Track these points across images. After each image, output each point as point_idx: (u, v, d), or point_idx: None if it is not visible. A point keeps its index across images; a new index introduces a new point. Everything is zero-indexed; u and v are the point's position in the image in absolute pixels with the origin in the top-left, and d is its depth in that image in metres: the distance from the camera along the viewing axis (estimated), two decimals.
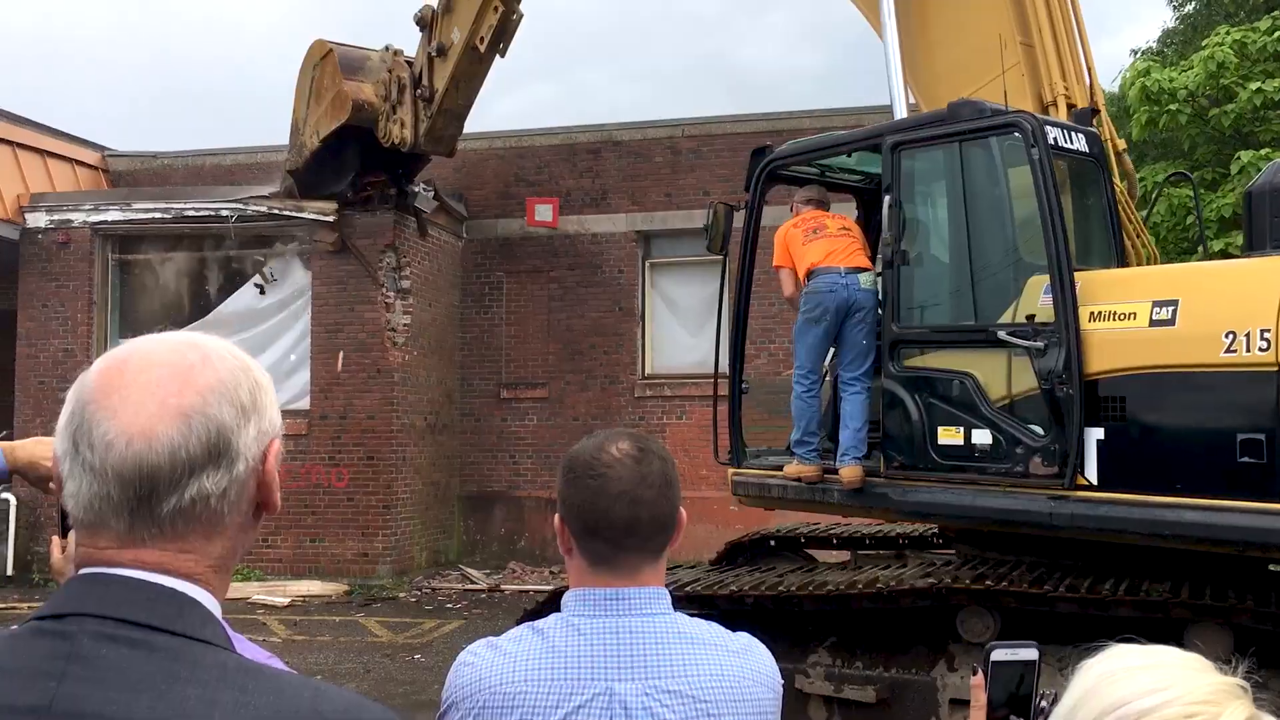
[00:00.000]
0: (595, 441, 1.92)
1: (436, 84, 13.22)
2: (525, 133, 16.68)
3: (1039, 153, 5.73)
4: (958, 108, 6.16)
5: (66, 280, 15.26)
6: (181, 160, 17.22)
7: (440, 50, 13.08)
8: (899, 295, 6.39)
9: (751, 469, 7.22)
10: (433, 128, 13.48)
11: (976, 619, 5.96)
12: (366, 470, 14.47)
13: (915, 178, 6.48)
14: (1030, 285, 5.94)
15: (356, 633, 11.78)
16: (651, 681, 1.78)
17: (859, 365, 6.61)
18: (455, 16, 12.90)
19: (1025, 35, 6.86)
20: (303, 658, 10.46)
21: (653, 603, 1.86)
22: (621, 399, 15.94)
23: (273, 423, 1.22)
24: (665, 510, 1.88)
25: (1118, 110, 15.58)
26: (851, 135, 7.07)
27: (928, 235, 6.61)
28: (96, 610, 1.09)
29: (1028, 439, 5.87)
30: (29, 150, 15.91)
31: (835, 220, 6.92)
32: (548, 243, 16.19)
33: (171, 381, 1.14)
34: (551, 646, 1.82)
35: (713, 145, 15.87)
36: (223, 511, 1.16)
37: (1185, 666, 1.14)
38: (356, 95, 13.53)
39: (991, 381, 6.02)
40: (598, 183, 16.23)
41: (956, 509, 6.15)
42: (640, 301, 16.03)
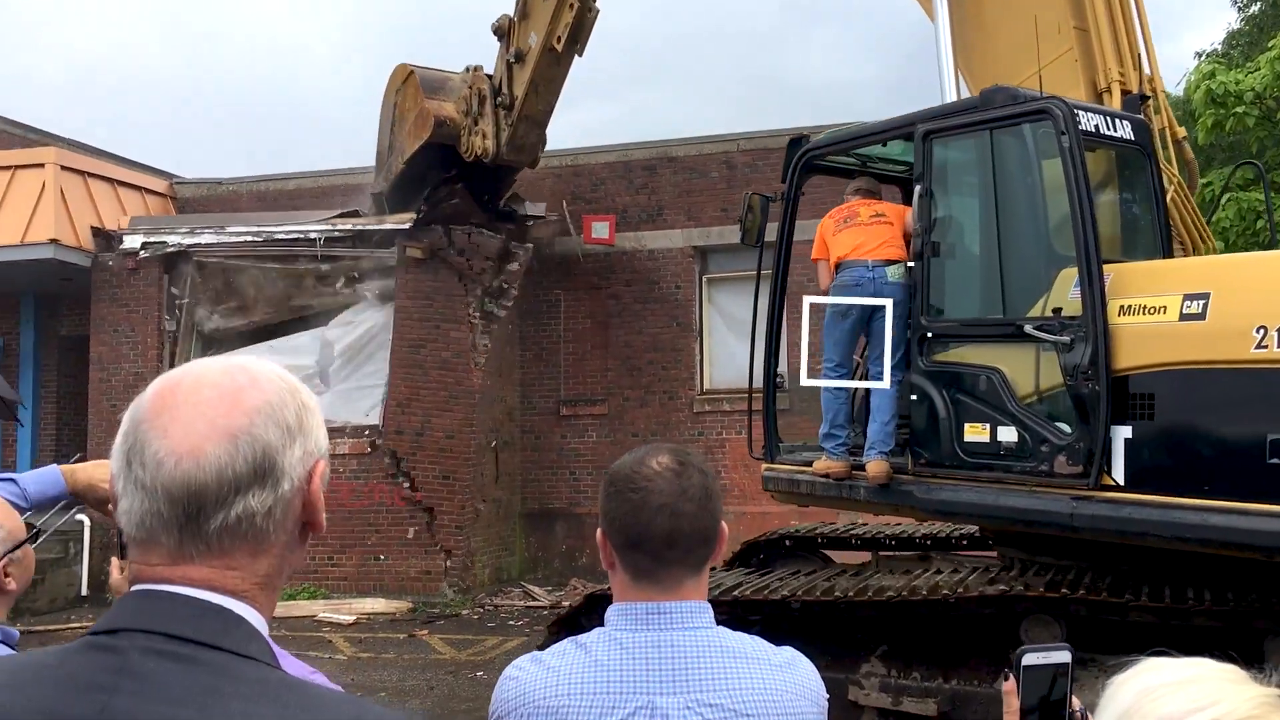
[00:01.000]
0: (636, 456, 1.94)
1: (516, 91, 13.36)
2: (581, 151, 16.79)
3: (1069, 140, 5.56)
4: (991, 94, 6.01)
5: (136, 306, 15.69)
6: (245, 185, 17.64)
7: (518, 56, 13.23)
8: (929, 288, 6.27)
9: (784, 464, 7.10)
10: (514, 136, 13.60)
11: (1042, 627, 5.80)
12: (441, 489, 14.57)
13: (948, 167, 6.35)
14: (1061, 278, 5.78)
15: (420, 650, 11.86)
16: (693, 695, 1.78)
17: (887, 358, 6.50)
18: (532, 21, 13.04)
19: (1080, 20, 6.68)
20: (368, 675, 10.56)
21: (695, 616, 1.86)
22: (680, 414, 15.89)
23: (318, 444, 1.25)
24: (706, 523, 1.88)
25: (1183, 114, 15.17)
26: (886, 124, 6.90)
27: (959, 226, 6.47)
28: (146, 626, 1.12)
29: (1054, 437, 5.71)
30: (100, 179, 16.44)
31: (869, 207, 6.76)
32: (605, 260, 16.24)
33: (220, 403, 1.18)
34: (594, 660, 1.83)
35: (768, 159, 15.78)
36: (268, 530, 1.19)
37: (1224, 679, 1.12)
38: (438, 112, 13.79)
39: (1019, 377, 5.87)
40: (654, 199, 16.25)
41: (980, 508, 5.99)
42: (698, 317, 15.99)
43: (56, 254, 15.28)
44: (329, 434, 1.31)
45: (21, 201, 15.49)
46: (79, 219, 15.73)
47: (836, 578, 6.86)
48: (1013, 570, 6.46)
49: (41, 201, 15.43)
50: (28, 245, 15.23)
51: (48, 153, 16.45)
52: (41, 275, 16.05)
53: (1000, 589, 5.92)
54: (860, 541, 7.90)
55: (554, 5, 12.57)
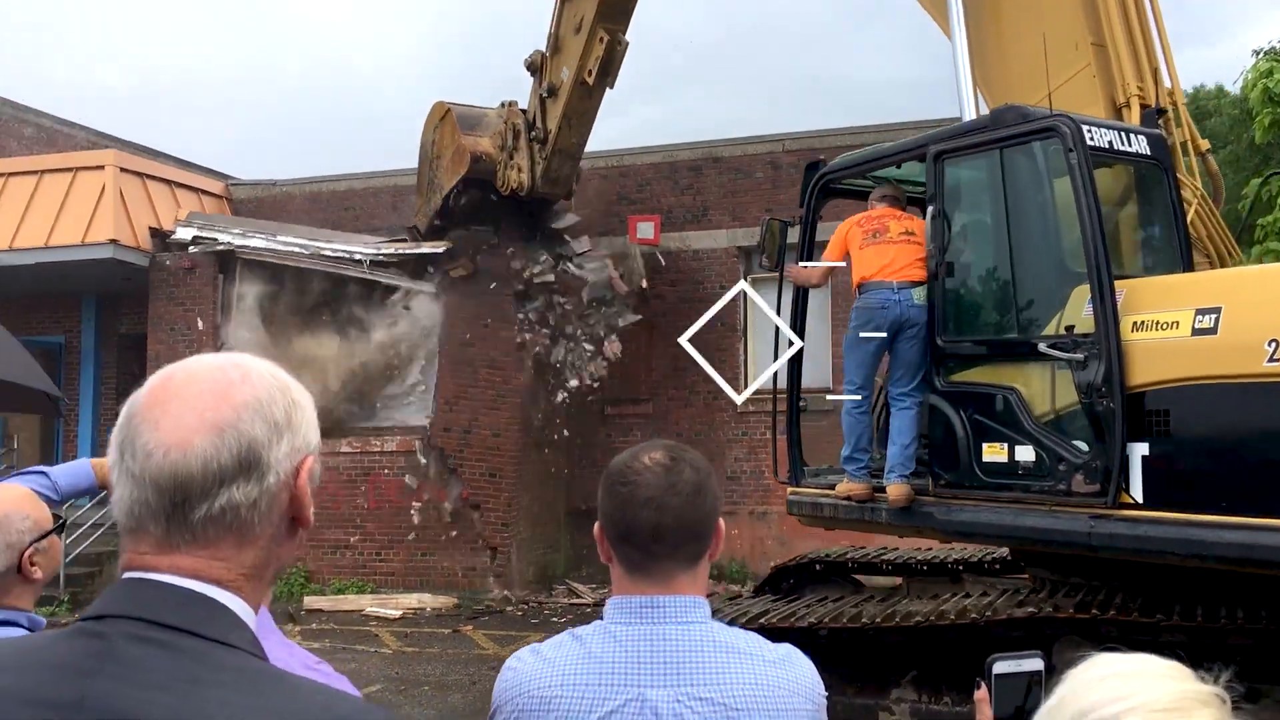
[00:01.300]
0: (631, 451, 1.98)
1: (549, 124, 13.64)
2: (627, 151, 16.85)
3: (1077, 157, 5.54)
4: (1001, 113, 6.01)
5: (192, 305, 16.05)
6: (299, 187, 17.93)
7: (551, 91, 13.50)
8: (943, 308, 6.25)
9: (808, 488, 7.13)
10: (548, 169, 13.91)
11: (1073, 649, 5.78)
12: (487, 486, 14.76)
13: (960, 187, 6.35)
14: (1075, 296, 5.75)
15: (464, 645, 12.03)
16: (684, 689, 1.80)
17: (908, 381, 6.48)
18: (564, 56, 13.29)
19: (1097, 36, 6.63)
20: (411, 669, 10.76)
21: (689, 611, 1.88)
22: (724, 414, 15.91)
23: (308, 441, 1.28)
24: (694, 517, 1.90)
25: (1240, 113, 14.86)
26: (899, 145, 6.93)
27: (973, 246, 6.45)
28: (132, 612, 1.15)
29: (1071, 455, 5.68)
30: (158, 181, 16.82)
31: (900, 222, 6.70)
32: (650, 260, 16.28)
33: (210, 397, 1.22)
34: (588, 652, 1.86)
35: (815, 159, 15.72)
36: (253, 521, 1.22)
37: (1158, 674, 1.14)
38: (474, 148, 14.10)
39: (1035, 396, 5.85)
40: (699, 199, 16.26)
41: (999, 529, 5.97)
42: (742, 317, 15.98)
43: (115, 254, 15.67)
44: (379, 431, 1.35)
45: (82, 203, 15.89)
46: (137, 220, 16.12)
47: (864, 604, 6.85)
48: (1042, 592, 6.42)
49: (101, 203, 15.83)
50: (88, 245, 15.63)
51: (107, 155, 16.87)
52: (101, 275, 16.46)
53: (1028, 611, 5.90)
54: (891, 566, 7.87)
55: (585, 39, 12.80)
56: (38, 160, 17.40)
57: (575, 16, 13.01)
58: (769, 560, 14.43)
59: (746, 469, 15.64)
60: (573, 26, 13.07)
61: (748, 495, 15.53)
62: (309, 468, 1.27)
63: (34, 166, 16.78)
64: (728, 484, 15.81)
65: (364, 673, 10.60)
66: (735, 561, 15.40)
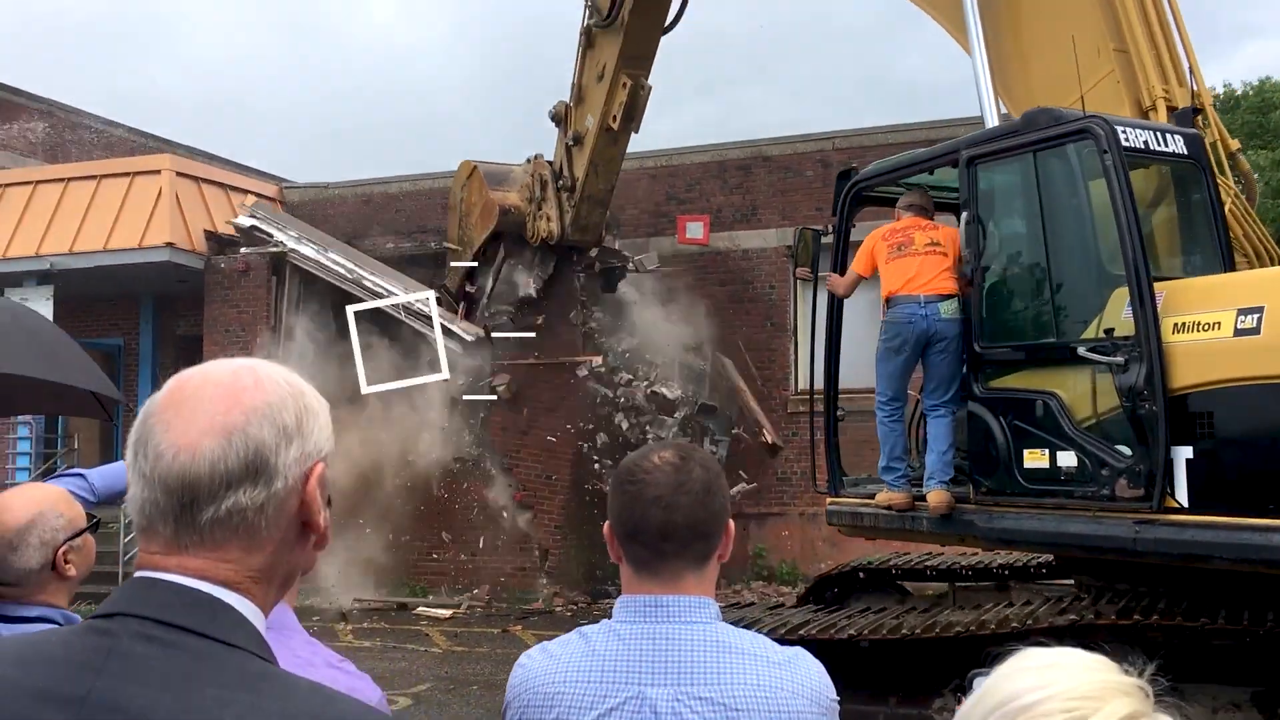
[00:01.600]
0: (642, 451, 1.97)
1: (576, 173, 13.82)
2: (675, 151, 16.82)
3: (1112, 158, 5.45)
4: (1033, 116, 5.94)
5: (246, 306, 16.29)
6: (350, 190, 18.12)
7: (576, 139, 13.69)
8: (980, 313, 6.19)
9: (848, 497, 7.08)
10: (577, 216, 14.09)
11: (1118, 657, 5.66)
12: (543, 488, 14.82)
13: (994, 191, 6.28)
14: (1114, 298, 5.65)
15: (513, 645, 12.10)
16: (683, 688, 1.80)
17: (943, 393, 6.44)
18: (587, 105, 13.49)
19: (1119, 41, 6.58)
20: (460, 668, 10.84)
21: (694, 611, 1.86)
22: (775, 414, 15.82)
23: (318, 447, 1.29)
24: (702, 517, 1.88)
25: None
26: (930, 152, 6.88)
27: (1009, 250, 6.38)
28: (140, 611, 1.18)
29: (1113, 460, 5.58)
30: (213, 185, 17.11)
31: (925, 233, 6.64)
32: (699, 259, 16.24)
33: (221, 401, 1.24)
34: (592, 650, 1.87)
35: (864, 157, 15.50)
36: (260, 525, 1.23)
37: (1079, 666, 1.15)
38: (503, 201, 14.42)
39: (1075, 401, 5.75)
40: (748, 199, 16.20)
41: (1043, 535, 5.89)
42: (792, 316, 15.88)
43: (172, 257, 15.99)
44: None
45: (139, 207, 16.21)
46: (193, 223, 16.41)
47: (906, 615, 6.78)
48: (1086, 599, 6.33)
49: (158, 207, 16.14)
50: (145, 249, 15.95)
51: (163, 159, 17.19)
52: (158, 277, 16.79)
53: (1070, 619, 5.81)
54: (936, 573, 7.79)
55: (607, 86, 12.96)
56: (96, 165, 17.78)
57: (597, 65, 13.16)
58: (820, 562, 14.34)
59: (797, 470, 15.52)
60: (595, 75, 13.23)
61: (798, 496, 15.42)
62: (319, 474, 1.28)
63: (92, 171, 17.15)
64: (778, 485, 15.73)
65: (414, 671, 10.70)
66: (786, 563, 15.32)
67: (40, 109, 20.33)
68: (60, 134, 20.52)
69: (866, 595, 7.76)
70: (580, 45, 13.40)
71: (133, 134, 21.02)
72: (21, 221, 16.49)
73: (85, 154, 19.98)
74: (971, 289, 6.28)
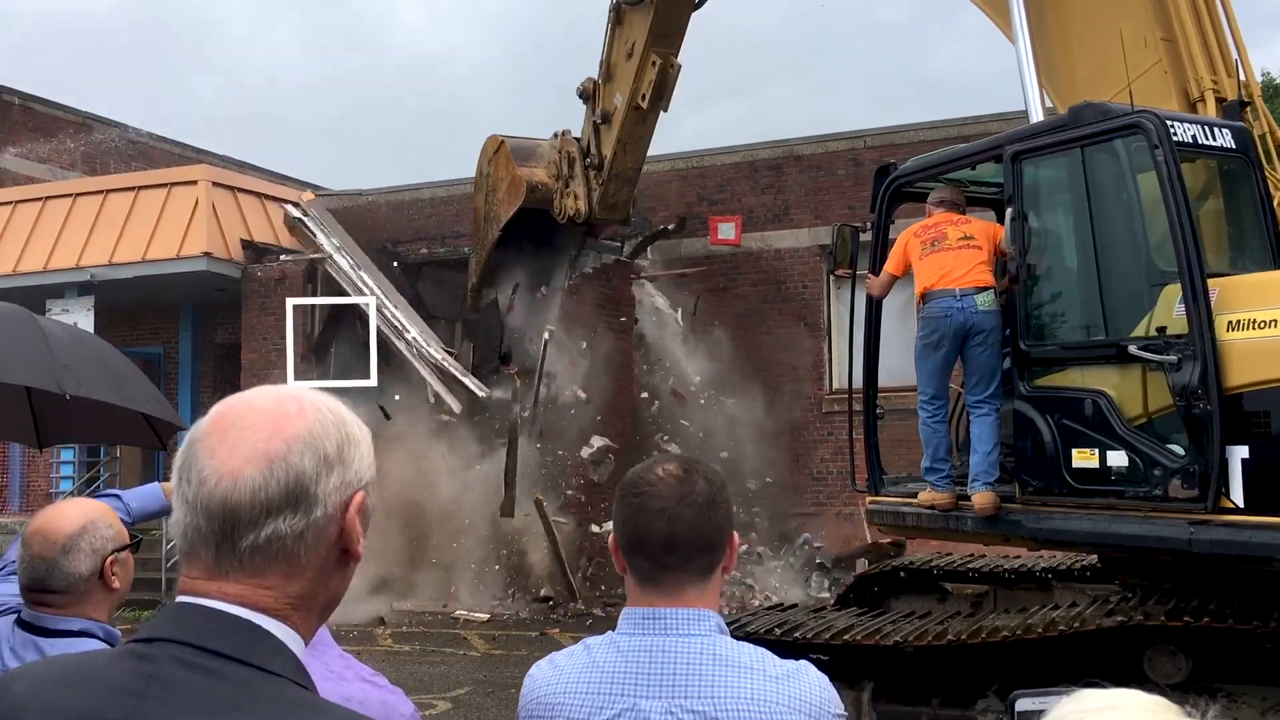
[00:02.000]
0: (646, 464, 1.98)
1: (604, 151, 13.71)
2: (706, 152, 16.82)
3: (1164, 154, 5.38)
4: (1080, 111, 5.86)
5: (283, 315, 16.40)
6: (384, 196, 18.22)
7: (605, 117, 13.60)
8: (1026, 311, 6.13)
9: (888, 496, 7.04)
10: (605, 194, 13.93)
11: (1167, 659, 5.64)
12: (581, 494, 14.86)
13: (1039, 187, 6.20)
14: (1165, 295, 5.57)
15: (551, 647, 12.09)
16: (677, 700, 1.81)
17: (985, 388, 6.36)
18: (616, 82, 13.39)
19: (1166, 31, 6.49)
20: (498, 671, 10.87)
21: (693, 624, 1.87)
22: (809, 414, 15.80)
23: (359, 476, 1.30)
24: (706, 529, 1.89)
25: None
26: (973, 147, 6.79)
27: (1055, 247, 6.30)
28: (180, 636, 1.19)
29: (1166, 460, 5.51)
30: (248, 194, 17.27)
31: (958, 227, 6.56)
32: (731, 260, 16.23)
33: (264, 429, 1.25)
34: (593, 662, 1.89)
35: (896, 155, 15.34)
36: (299, 553, 1.24)
37: (1140, 709, 1.12)
38: (530, 178, 14.23)
39: (1126, 400, 5.68)
40: (780, 199, 16.17)
41: (1093, 535, 5.82)
42: (825, 316, 15.84)
43: (210, 266, 16.17)
44: None
45: (177, 217, 16.40)
46: (230, 232, 16.57)
47: (950, 620, 6.71)
48: (1133, 600, 6.24)
49: (195, 217, 16.32)
50: (183, 259, 16.12)
51: (199, 170, 17.38)
52: (196, 287, 16.97)
53: (1118, 620, 5.74)
54: (978, 574, 7.68)
55: (637, 65, 12.86)
56: (134, 177, 17.99)
57: (626, 43, 13.09)
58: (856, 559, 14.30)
59: (833, 469, 15.49)
60: (624, 53, 13.14)
61: (834, 496, 15.39)
62: (359, 502, 1.28)
63: (131, 183, 17.36)
64: (813, 484, 15.69)
65: (452, 675, 10.75)
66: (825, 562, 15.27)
67: (78, 122, 20.58)
68: (98, 146, 20.76)
69: (908, 595, 7.72)
70: (609, 22, 13.33)
71: (169, 145, 21.25)
72: (62, 233, 16.72)
73: (123, 166, 20.21)
74: (1016, 286, 6.21)
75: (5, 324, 3.79)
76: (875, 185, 7.18)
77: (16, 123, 19.77)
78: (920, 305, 6.55)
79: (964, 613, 7.07)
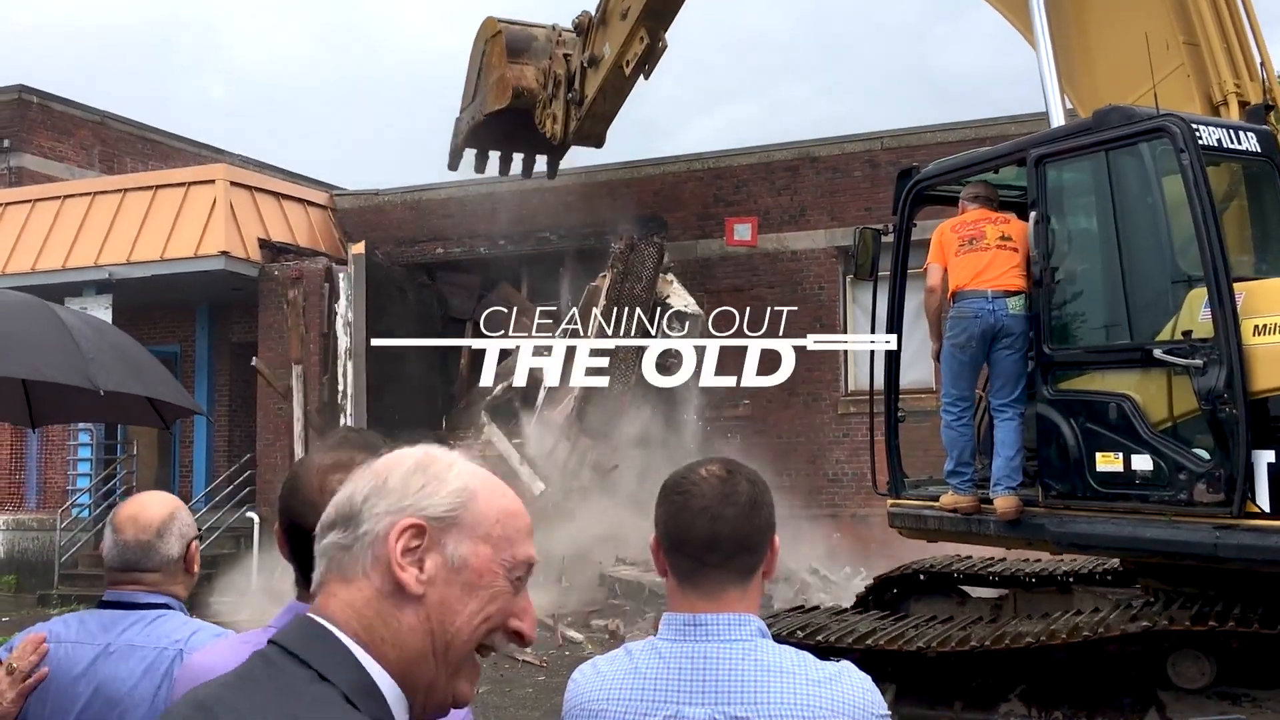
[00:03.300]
0: (689, 465, 1.98)
1: (587, 90, 13.91)
2: (723, 153, 16.79)
3: (1189, 157, 5.37)
4: (1104, 115, 5.85)
5: (298, 315, 16.43)
6: (399, 196, 18.24)
7: (592, 61, 13.73)
8: (1050, 315, 6.11)
9: (909, 499, 7.03)
10: (580, 129, 14.28)
11: (1190, 663, 5.62)
12: None
13: (1063, 191, 6.19)
14: (1190, 299, 5.57)
15: (573, 648, 12.17)
16: (720, 707, 1.80)
17: (1009, 391, 6.32)
18: (608, 31, 13.50)
19: (1189, 34, 6.46)
20: (514, 669, 10.90)
21: (733, 629, 1.87)
22: (825, 416, 15.76)
23: (415, 509, 1.32)
24: (747, 530, 1.89)
25: None
26: (996, 151, 6.79)
27: (1079, 250, 6.28)
28: (276, 637, 1.32)
29: (1191, 464, 5.50)
30: (265, 193, 17.31)
31: (998, 226, 6.49)
32: (747, 261, 16.22)
33: (367, 468, 1.40)
34: (635, 668, 1.90)
35: (913, 156, 15.45)
36: (346, 563, 1.32)
37: None
38: (517, 82, 14.40)
39: (1151, 404, 5.67)
40: (796, 200, 16.14)
41: (1118, 540, 5.80)
42: (841, 317, 15.82)
43: (227, 265, 16.17)
44: None
45: (195, 216, 16.43)
46: (247, 231, 16.61)
47: (972, 625, 6.69)
48: (1156, 604, 6.23)
49: (213, 216, 16.35)
50: (201, 258, 16.16)
51: (217, 169, 17.41)
52: (213, 285, 17.00)
53: (1143, 625, 5.73)
54: (998, 577, 7.68)
55: (628, 30, 13.00)
56: (152, 176, 18.04)
57: (624, 2, 13.14)
58: (871, 561, 14.26)
59: (849, 471, 15.48)
60: (620, 10, 13.21)
61: (850, 498, 15.37)
62: (399, 529, 1.30)
63: (149, 182, 17.40)
64: (829, 486, 15.67)
65: None
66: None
67: (95, 121, 20.65)
68: (116, 145, 20.84)
69: (927, 598, 7.70)
70: None
71: (185, 143, 21.30)
72: (81, 232, 16.77)
73: (141, 164, 20.27)
74: (1040, 289, 6.18)
75: (29, 318, 3.82)
76: (897, 189, 7.16)
77: (35, 121, 19.83)
78: (949, 304, 6.51)
79: (985, 617, 7.05)
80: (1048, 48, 6.91)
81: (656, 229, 16.40)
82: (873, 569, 12.53)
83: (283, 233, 17.24)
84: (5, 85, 19.93)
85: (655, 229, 16.39)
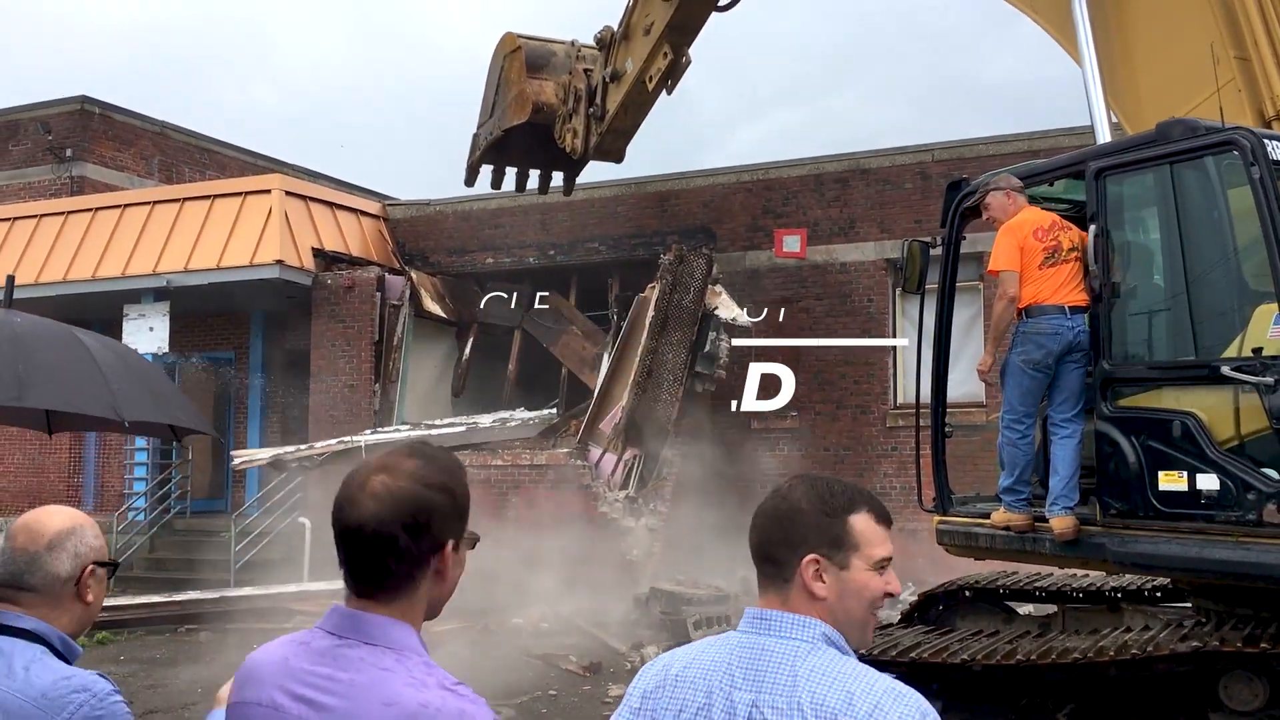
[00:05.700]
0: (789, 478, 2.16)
1: (608, 105, 13.87)
2: (772, 165, 16.77)
3: (1260, 171, 5.27)
4: (1168, 127, 5.76)
5: (352, 322, 16.64)
6: (451, 206, 18.41)
7: (615, 76, 13.68)
8: (1110, 330, 6.02)
9: (958, 516, 6.94)
10: (601, 144, 14.24)
11: (1243, 685, 5.54)
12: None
13: (1124, 204, 6.08)
14: (1258, 315, 5.46)
15: (604, 652, 12.20)
16: (763, 695, 1.93)
17: (1070, 407, 6.22)
18: (631, 46, 13.43)
19: (1240, 49, 6.37)
20: (557, 679, 10.94)
21: (796, 628, 1.99)
22: (873, 428, 15.68)
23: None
24: (760, 540, 2.08)
25: None
26: (1052, 163, 6.66)
27: (1140, 265, 6.18)
28: None
29: (1260, 484, 5.38)
30: (319, 203, 17.53)
31: (1068, 235, 6.33)
32: (796, 273, 16.20)
33: None
34: (706, 650, 2.08)
35: (964, 169, 15.32)
36: None
37: None
38: (537, 97, 14.36)
39: (1217, 422, 5.56)
40: (846, 212, 16.09)
41: (1183, 561, 5.66)
42: (891, 330, 15.75)
43: (281, 274, 16.40)
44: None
45: (251, 225, 16.68)
46: (301, 241, 16.83)
47: (1019, 639, 6.58)
48: (1208, 624, 6.10)
49: (268, 225, 16.59)
50: (256, 266, 16.39)
51: (273, 179, 17.66)
52: (268, 294, 17.23)
53: (1193, 646, 5.63)
54: (1046, 594, 7.54)
55: (652, 45, 12.92)
56: (210, 185, 18.34)
57: (647, 17, 13.06)
58: (920, 576, 14.16)
59: (896, 485, 15.37)
60: (643, 25, 13.13)
61: (898, 512, 14.87)
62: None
63: (207, 191, 17.70)
64: None
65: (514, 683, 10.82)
66: None
67: (155, 131, 21.02)
68: (175, 155, 21.20)
69: (973, 615, 7.60)
70: None
71: (242, 153, 21.61)
72: (140, 240, 17.08)
73: (198, 174, 20.63)
74: (1100, 304, 6.09)
75: (60, 349, 3.96)
76: (946, 201, 7.09)
77: (97, 132, 20.22)
78: (1022, 317, 6.35)
79: (1033, 633, 6.95)
80: (1093, 62, 6.82)
81: (705, 240, 16.45)
82: (920, 584, 12.47)
83: (336, 242, 17.46)
84: (68, 96, 20.35)
85: (704, 240, 16.44)
